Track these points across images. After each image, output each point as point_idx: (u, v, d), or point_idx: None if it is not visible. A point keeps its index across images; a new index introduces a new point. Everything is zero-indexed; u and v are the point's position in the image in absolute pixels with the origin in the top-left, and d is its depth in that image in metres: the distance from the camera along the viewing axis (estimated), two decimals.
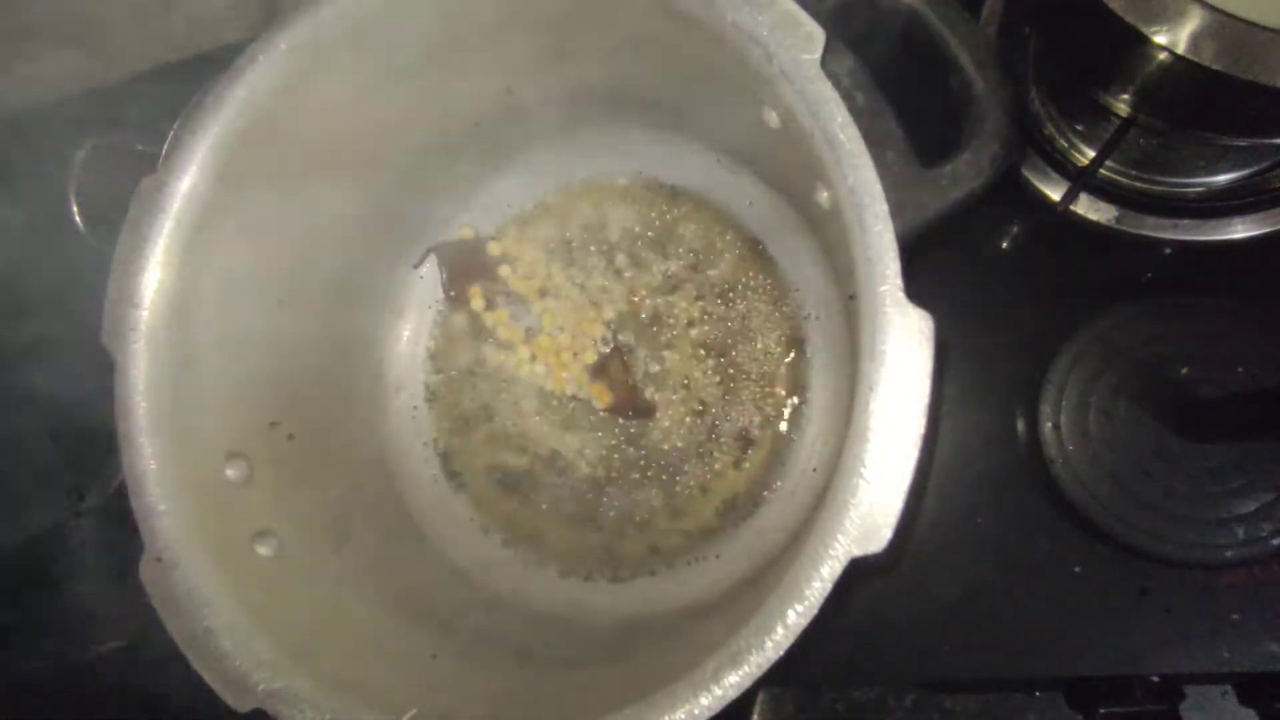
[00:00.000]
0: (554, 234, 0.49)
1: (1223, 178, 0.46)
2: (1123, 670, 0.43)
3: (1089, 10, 0.34)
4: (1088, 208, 0.46)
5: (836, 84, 0.30)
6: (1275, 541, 0.41)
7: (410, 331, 0.50)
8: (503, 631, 0.43)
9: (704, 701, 0.28)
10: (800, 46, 0.30)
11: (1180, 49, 0.32)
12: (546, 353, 0.47)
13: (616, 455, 0.47)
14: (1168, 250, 0.46)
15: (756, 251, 0.47)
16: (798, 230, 0.45)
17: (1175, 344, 0.44)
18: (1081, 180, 0.45)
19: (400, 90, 0.39)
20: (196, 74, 0.38)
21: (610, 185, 0.49)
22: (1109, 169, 0.46)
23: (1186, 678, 0.43)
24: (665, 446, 0.46)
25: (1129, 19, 0.33)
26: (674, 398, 0.46)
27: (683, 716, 0.28)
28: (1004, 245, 0.48)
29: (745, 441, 0.46)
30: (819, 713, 0.46)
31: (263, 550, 0.36)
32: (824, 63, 0.30)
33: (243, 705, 0.32)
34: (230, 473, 0.37)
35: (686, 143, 0.46)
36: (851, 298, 0.31)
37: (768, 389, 0.46)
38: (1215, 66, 0.32)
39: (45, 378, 0.48)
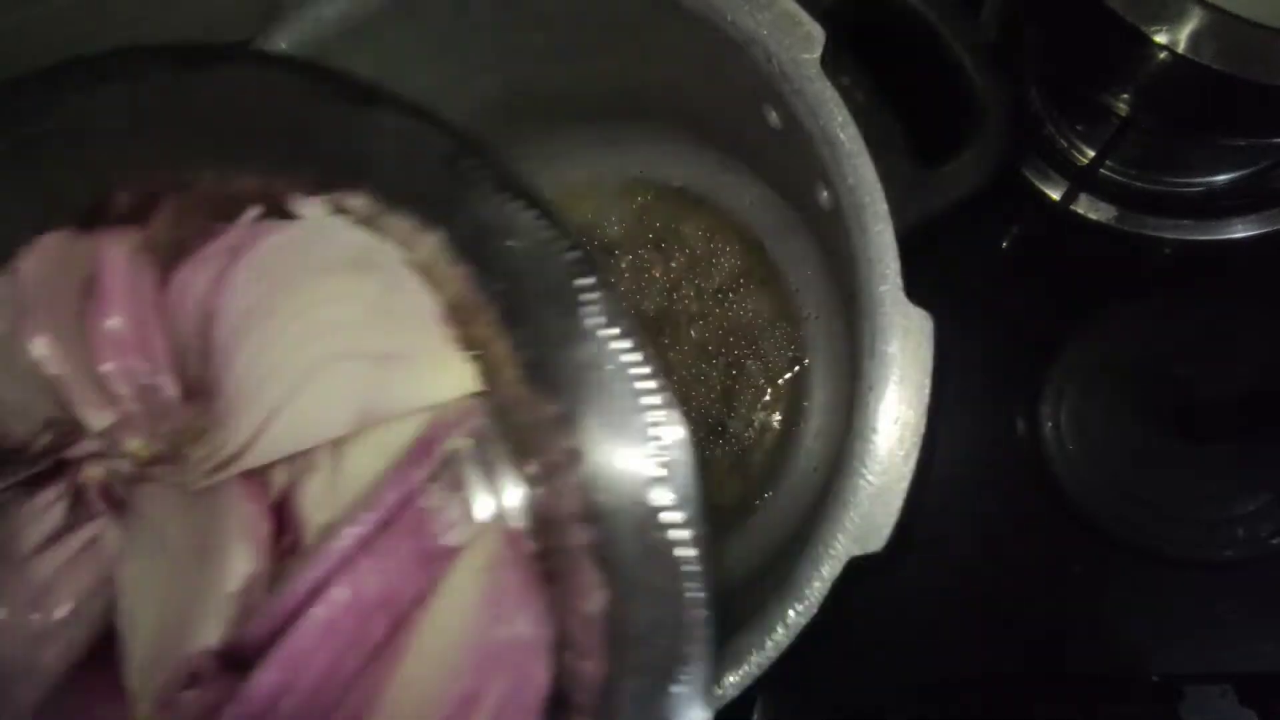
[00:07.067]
0: None
1: (1222, 177, 0.46)
2: (1123, 670, 0.43)
3: (1089, 10, 0.34)
4: (1088, 207, 0.46)
5: (836, 83, 0.30)
6: (1275, 541, 0.41)
7: None
8: None
9: None
10: (800, 46, 0.30)
11: (1180, 48, 0.32)
12: None
13: None
14: (1167, 250, 0.46)
15: (757, 252, 0.47)
16: (798, 230, 0.45)
17: (1175, 344, 0.44)
18: (1081, 180, 0.45)
19: (398, 89, 0.39)
20: None
21: (610, 185, 0.49)
22: (1109, 168, 0.46)
23: (1186, 678, 0.43)
24: None
25: (1129, 18, 0.33)
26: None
27: None
28: (1004, 244, 0.49)
29: (745, 442, 0.46)
30: (819, 713, 0.46)
31: None
32: (824, 62, 0.30)
33: None
34: None
35: (686, 143, 0.46)
36: (852, 297, 0.31)
37: (768, 389, 0.46)
38: (1215, 66, 0.32)
39: None
